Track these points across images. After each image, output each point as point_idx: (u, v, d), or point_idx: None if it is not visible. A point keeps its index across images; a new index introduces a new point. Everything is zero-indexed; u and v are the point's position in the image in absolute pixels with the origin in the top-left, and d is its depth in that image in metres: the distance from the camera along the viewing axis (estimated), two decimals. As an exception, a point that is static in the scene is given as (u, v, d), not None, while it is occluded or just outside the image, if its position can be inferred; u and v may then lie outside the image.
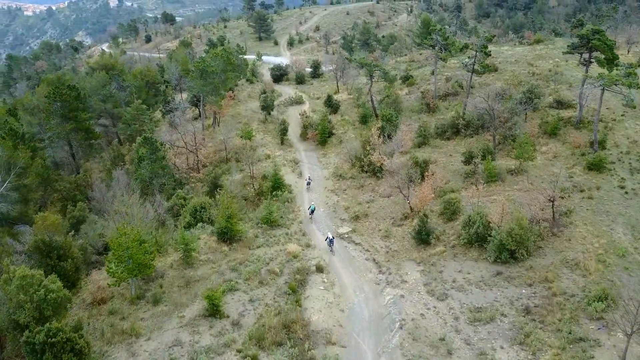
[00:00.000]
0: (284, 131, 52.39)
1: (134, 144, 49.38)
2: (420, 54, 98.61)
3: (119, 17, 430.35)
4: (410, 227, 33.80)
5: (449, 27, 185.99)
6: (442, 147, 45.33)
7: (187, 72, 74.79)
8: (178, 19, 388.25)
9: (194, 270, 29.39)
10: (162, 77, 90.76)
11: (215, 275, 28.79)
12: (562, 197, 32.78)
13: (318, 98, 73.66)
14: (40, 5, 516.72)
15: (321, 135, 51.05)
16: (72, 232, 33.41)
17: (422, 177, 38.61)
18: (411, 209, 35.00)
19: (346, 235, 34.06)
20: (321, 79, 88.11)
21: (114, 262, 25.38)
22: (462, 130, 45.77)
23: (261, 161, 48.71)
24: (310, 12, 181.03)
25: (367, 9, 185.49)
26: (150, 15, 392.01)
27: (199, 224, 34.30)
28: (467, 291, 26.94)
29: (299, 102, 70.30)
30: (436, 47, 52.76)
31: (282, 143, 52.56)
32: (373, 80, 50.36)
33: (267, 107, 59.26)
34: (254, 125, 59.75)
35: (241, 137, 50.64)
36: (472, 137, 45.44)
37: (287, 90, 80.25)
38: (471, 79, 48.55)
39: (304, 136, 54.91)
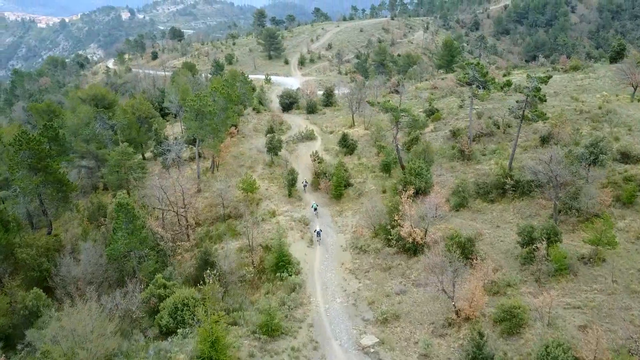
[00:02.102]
0: (292, 182, 44.49)
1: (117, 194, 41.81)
2: (443, 79, 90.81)
3: (131, 30, 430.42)
4: (457, 340, 25.48)
5: (467, 44, 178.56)
6: (485, 213, 36.96)
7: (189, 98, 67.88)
8: (189, 31, 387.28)
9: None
10: (162, 101, 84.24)
11: None
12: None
13: (331, 132, 65.87)
14: (54, 17, 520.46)
15: (336, 188, 43.02)
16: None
17: (466, 259, 30.44)
18: (457, 312, 26.69)
19: (372, 350, 25.72)
20: (334, 107, 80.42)
21: None
22: (510, 191, 37.39)
23: (265, 220, 40.71)
24: (322, 28, 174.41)
25: (382, 25, 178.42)
26: (162, 28, 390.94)
27: (180, 329, 26.29)
28: None
29: (310, 137, 62.51)
30: (473, 85, 44.63)
31: (290, 195, 44.63)
32: (399, 127, 42.17)
33: (273, 149, 51.47)
34: (259, 168, 51.91)
35: (242, 189, 42.81)
36: (522, 199, 37.06)
37: (297, 121, 72.60)
38: (520, 128, 40.20)
39: (315, 185, 46.94)
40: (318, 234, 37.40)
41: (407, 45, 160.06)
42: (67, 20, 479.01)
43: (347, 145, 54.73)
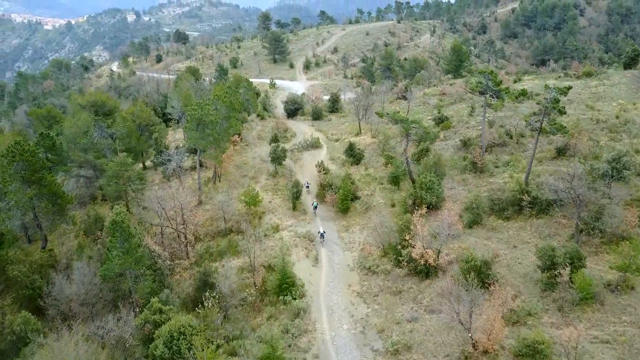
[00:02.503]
0: (296, 195, 42.61)
1: (115, 206, 40.10)
2: (451, 85, 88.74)
3: (137, 32, 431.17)
4: (475, 376, 23.49)
5: (474, 48, 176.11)
6: (501, 231, 34.89)
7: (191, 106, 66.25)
8: (194, 34, 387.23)
9: None
10: (165, 107, 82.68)
11: None
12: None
13: (337, 140, 64.01)
14: (60, 19, 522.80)
15: (342, 202, 41.08)
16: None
17: (482, 283, 28.46)
18: (474, 345, 24.68)
19: (382, 386, 23.79)
20: (340, 113, 78.59)
21: None
22: (527, 208, 35.31)
23: (267, 236, 38.82)
24: (328, 32, 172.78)
25: (388, 28, 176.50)
26: (167, 30, 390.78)
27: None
28: None
29: (315, 146, 60.66)
30: (487, 95, 42.61)
31: (294, 208, 42.74)
32: (409, 139, 40.17)
33: (277, 159, 49.65)
34: (262, 179, 50.11)
35: (245, 202, 40.97)
36: (540, 217, 34.99)
37: (302, 128, 70.81)
38: (537, 141, 38.10)
39: (321, 197, 45.03)
40: (322, 235, 37.54)
41: (413, 49, 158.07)
42: (73, 22, 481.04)
43: (353, 155, 52.85)
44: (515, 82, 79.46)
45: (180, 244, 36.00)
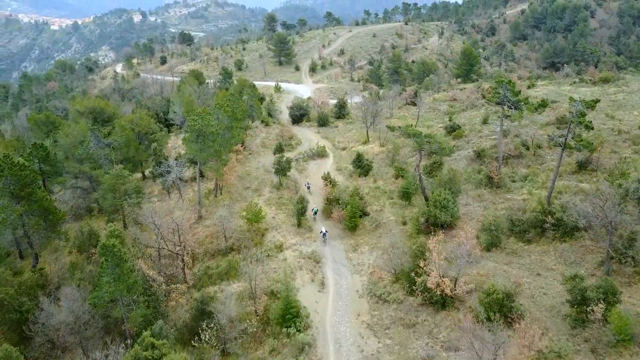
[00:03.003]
0: (301, 211, 40.19)
1: (109, 225, 37.92)
2: (462, 90, 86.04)
3: (143, 33, 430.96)
4: None
5: (483, 50, 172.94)
6: (521, 255, 32.31)
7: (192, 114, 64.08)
8: (200, 34, 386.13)
9: None
10: (167, 112, 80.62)
11: None
12: None
13: (344, 149, 61.54)
14: (67, 19, 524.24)
15: (350, 219, 38.61)
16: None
17: (505, 318, 25.97)
18: (498, 392, 22.18)
19: None
20: (347, 119, 76.05)
21: None
22: (550, 230, 32.70)
23: (270, 256, 36.42)
24: (334, 33, 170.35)
25: (395, 30, 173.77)
26: (173, 31, 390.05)
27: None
28: None
29: (321, 155, 58.29)
30: (505, 106, 39.99)
31: (299, 225, 40.33)
32: (423, 154, 37.51)
33: (281, 171, 47.29)
34: (266, 191, 47.73)
35: (247, 219, 38.60)
36: (565, 240, 32.37)
37: (307, 135, 68.44)
38: (561, 158, 35.38)
39: (327, 212, 42.60)
40: (324, 235, 38.47)
41: (421, 51, 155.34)
42: (79, 22, 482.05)
43: (361, 166, 50.38)
44: (528, 87, 76.69)
45: (177, 266, 33.66)
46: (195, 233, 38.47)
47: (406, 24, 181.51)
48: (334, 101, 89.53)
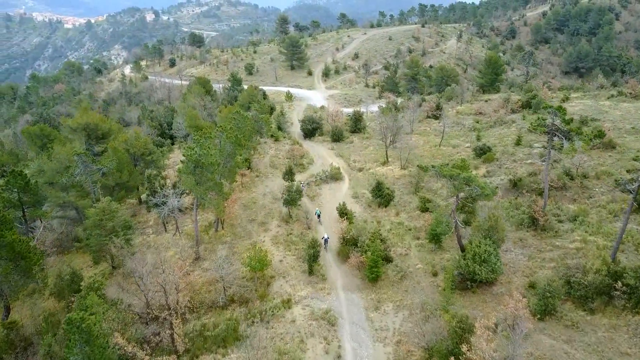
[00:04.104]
0: (313, 257, 34.57)
1: (89, 277, 32.83)
2: (487, 102, 79.66)
3: (155, 32, 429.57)
4: None
5: (503, 54, 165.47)
6: (585, 330, 26.33)
7: (195, 128, 58.96)
8: (212, 33, 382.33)
9: None
10: (172, 122, 75.73)
11: None
12: None
13: (360, 170, 55.85)
14: (80, 18, 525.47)
15: (371, 270, 32.89)
16: None
17: None
18: None
19: None
20: (363, 133, 70.24)
21: None
22: (619, 297, 26.70)
23: (275, 315, 30.85)
24: (348, 36, 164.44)
25: (412, 33, 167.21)
26: (186, 30, 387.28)
27: None
28: None
29: (335, 178, 52.68)
30: (555, 137, 33.94)
31: (310, 273, 34.74)
32: (459, 199, 31.54)
33: (291, 202, 41.79)
34: (273, 225, 42.19)
35: (250, 267, 33.10)
36: (638, 311, 26.34)
37: (320, 152, 62.87)
38: (629, 214, 29.18)
39: (343, 255, 36.96)
40: (325, 241, 37.88)
41: (439, 55, 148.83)
42: (92, 21, 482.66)
43: (381, 196, 44.65)
44: (562, 101, 70.22)
45: (165, 330, 28.28)
46: (190, 281, 33.08)
47: (423, 26, 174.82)
48: (348, 110, 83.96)
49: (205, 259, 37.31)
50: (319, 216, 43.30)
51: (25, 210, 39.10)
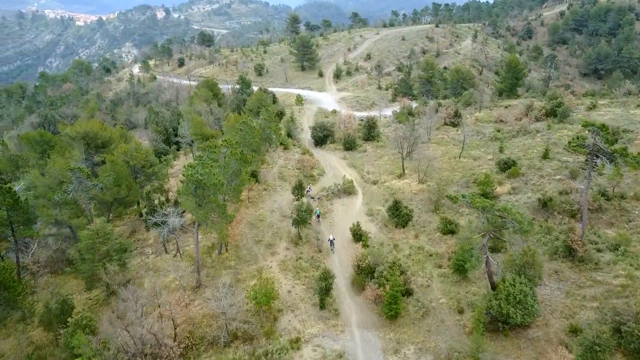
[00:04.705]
0: (325, 290, 31.27)
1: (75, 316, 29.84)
2: (507, 108, 75.68)
3: (166, 29, 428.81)
4: None
5: (519, 55, 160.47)
6: (639, 389, 22.85)
7: (200, 136, 55.96)
8: (223, 31, 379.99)
9: None
10: (177, 127, 72.91)
11: None
12: None
13: (375, 182, 52.39)
14: (92, 15, 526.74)
15: (390, 306, 29.50)
16: None
17: None
18: None
19: None
20: (377, 141, 66.66)
21: None
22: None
23: (282, 358, 27.62)
24: (360, 35, 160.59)
25: (425, 33, 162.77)
26: (196, 28, 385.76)
27: None
28: None
29: (348, 192, 49.31)
30: (597, 159, 30.28)
31: (322, 307, 31.44)
32: (492, 232, 27.94)
33: (301, 222, 38.54)
34: (281, 248, 38.92)
35: (255, 300, 29.91)
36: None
37: (332, 161, 59.51)
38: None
39: (358, 286, 33.62)
40: (332, 243, 38.36)
41: (453, 56, 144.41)
42: (104, 18, 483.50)
43: (399, 215, 41.22)
44: (589, 109, 66.10)
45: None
46: (190, 316, 30.00)
47: (437, 26, 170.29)
48: (361, 114, 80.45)
49: (207, 286, 34.20)
50: (318, 216, 43.04)
51: (15, 229, 36.32)
